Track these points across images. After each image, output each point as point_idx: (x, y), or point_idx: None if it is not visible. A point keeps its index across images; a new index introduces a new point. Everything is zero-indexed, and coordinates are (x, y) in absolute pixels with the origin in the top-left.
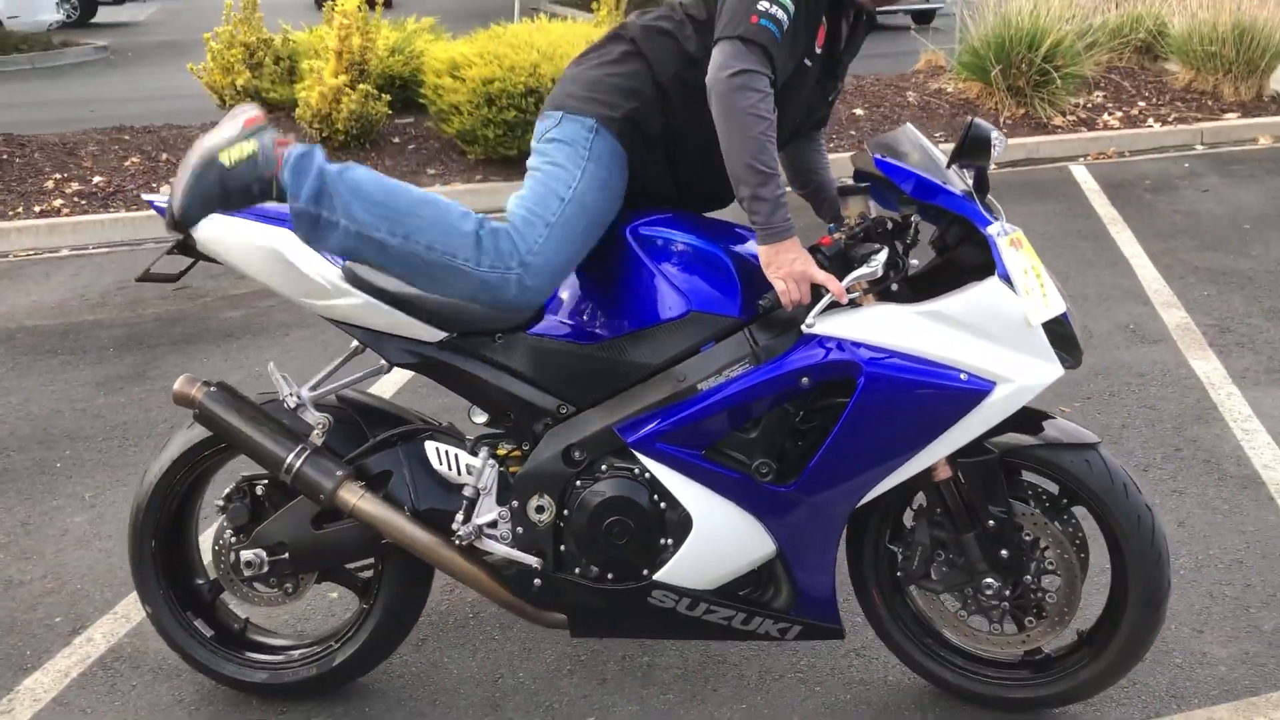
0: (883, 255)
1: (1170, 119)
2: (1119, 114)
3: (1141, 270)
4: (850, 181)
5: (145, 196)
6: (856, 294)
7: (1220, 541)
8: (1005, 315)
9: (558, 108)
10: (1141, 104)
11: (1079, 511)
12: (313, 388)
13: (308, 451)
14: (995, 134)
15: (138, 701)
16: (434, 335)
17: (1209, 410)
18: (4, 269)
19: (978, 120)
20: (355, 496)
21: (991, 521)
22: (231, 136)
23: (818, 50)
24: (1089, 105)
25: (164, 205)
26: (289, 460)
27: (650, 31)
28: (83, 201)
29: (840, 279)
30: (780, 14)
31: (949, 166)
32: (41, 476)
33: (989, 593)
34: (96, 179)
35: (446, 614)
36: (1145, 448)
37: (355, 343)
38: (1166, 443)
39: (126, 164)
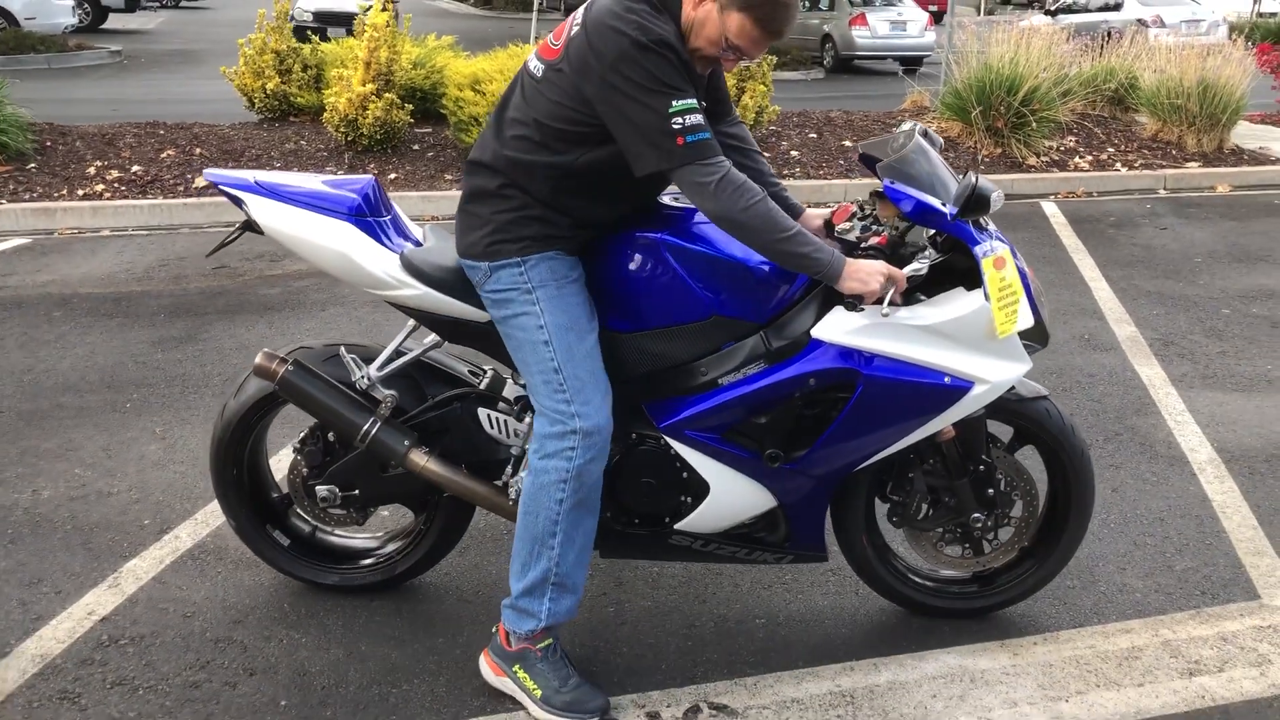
0: (928, 255)
1: (1136, 164)
2: (1089, 157)
3: (1099, 292)
4: (880, 187)
5: (208, 172)
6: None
7: (1147, 504)
8: (983, 328)
9: (477, 258)
10: (1110, 150)
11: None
12: (379, 367)
13: (379, 423)
14: (996, 194)
15: (225, 583)
16: (482, 316)
17: (1148, 405)
18: (52, 245)
19: (982, 182)
20: (423, 459)
21: (980, 467)
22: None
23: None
24: (1061, 148)
25: (220, 178)
26: (364, 429)
27: (514, 165)
28: (123, 188)
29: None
30: (692, 118)
31: (954, 218)
32: (114, 414)
33: (978, 526)
34: (135, 168)
35: (485, 529)
36: (1089, 432)
37: (411, 321)
38: (1108, 429)
39: (163, 155)
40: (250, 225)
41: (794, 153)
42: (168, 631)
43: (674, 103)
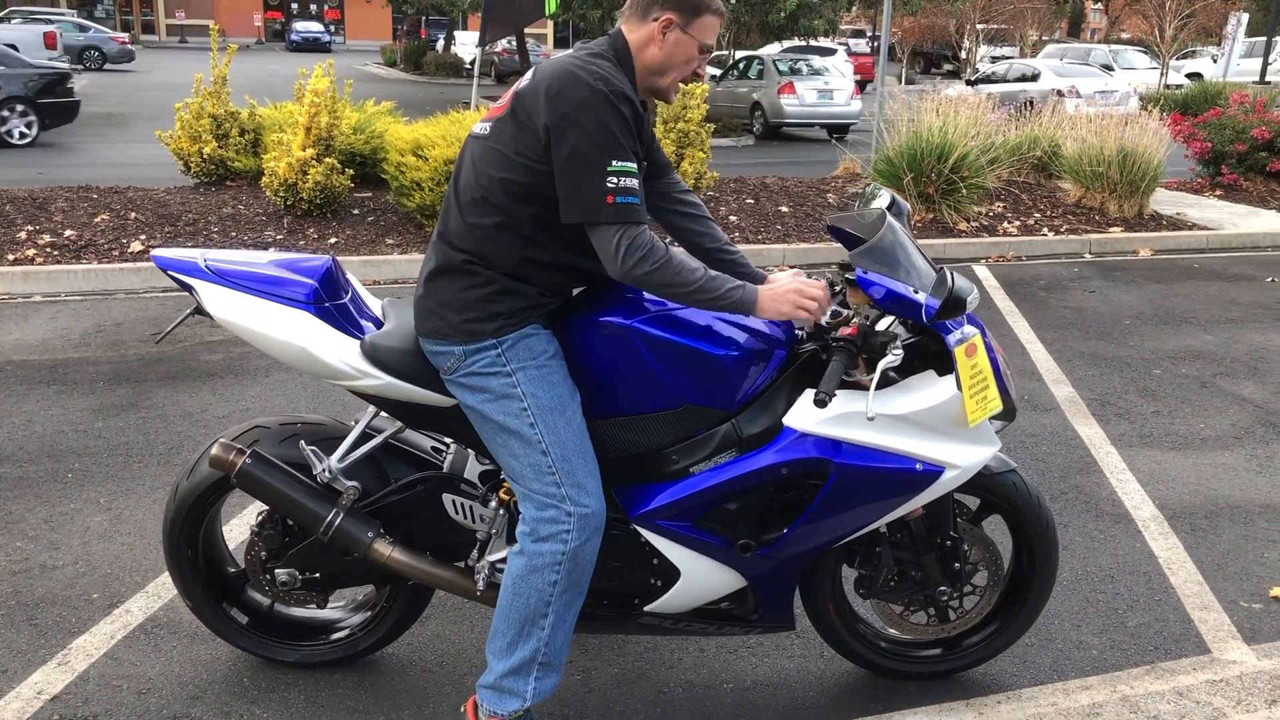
0: (901, 342)
1: (1062, 229)
2: (1017, 222)
3: (1035, 354)
4: (852, 272)
5: (155, 255)
6: (859, 373)
7: (1096, 562)
8: (955, 415)
9: (445, 338)
10: (1037, 215)
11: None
12: (340, 457)
13: (341, 514)
14: (972, 295)
15: (180, 657)
16: (446, 402)
17: (1090, 464)
18: None
19: (958, 283)
20: (387, 550)
21: (947, 542)
22: None
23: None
24: (990, 214)
25: (169, 263)
26: (327, 521)
27: (474, 233)
28: (55, 252)
29: (866, 364)
30: (627, 180)
31: (930, 320)
32: (56, 484)
33: (944, 598)
34: (68, 232)
35: (446, 599)
36: None
37: (371, 408)
38: (1054, 488)
39: (96, 220)
40: (201, 310)
41: (732, 218)
42: (122, 710)
43: (614, 162)
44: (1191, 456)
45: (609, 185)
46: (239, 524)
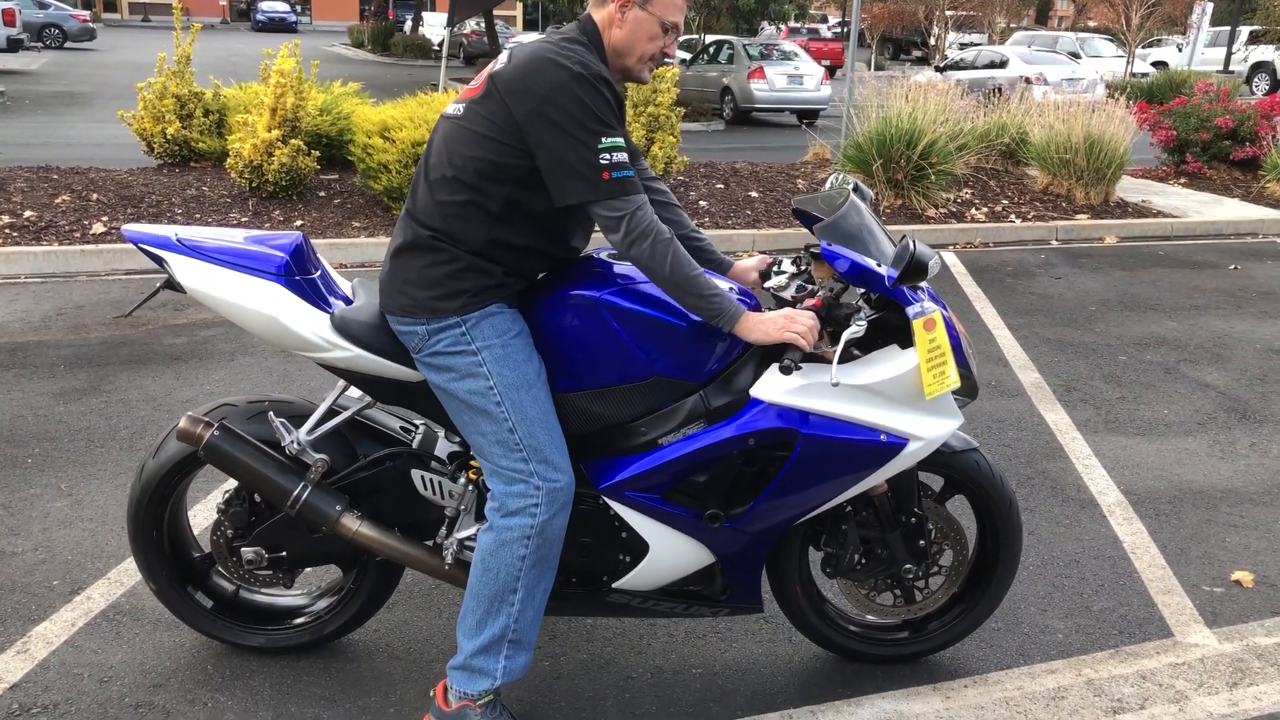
0: (864, 316)
1: (1029, 216)
2: (985, 209)
3: (1002, 340)
4: (817, 248)
5: (126, 229)
6: (824, 345)
7: (1062, 547)
8: (916, 388)
9: (409, 314)
10: (1005, 202)
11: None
12: (309, 430)
13: (309, 488)
14: (933, 260)
15: (143, 645)
16: (415, 377)
17: (1056, 450)
18: None
19: (920, 248)
20: (355, 525)
21: (912, 519)
22: None
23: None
24: (958, 200)
25: (140, 236)
26: (295, 494)
27: (442, 211)
28: (14, 234)
29: (831, 336)
30: (618, 155)
31: (893, 284)
32: (15, 469)
33: (909, 577)
34: (28, 213)
35: (413, 584)
36: None
37: (341, 382)
38: (1020, 473)
39: (57, 201)
40: (171, 283)
41: (702, 203)
42: (83, 699)
43: (604, 139)
44: (1156, 442)
45: (602, 162)
46: (204, 509)
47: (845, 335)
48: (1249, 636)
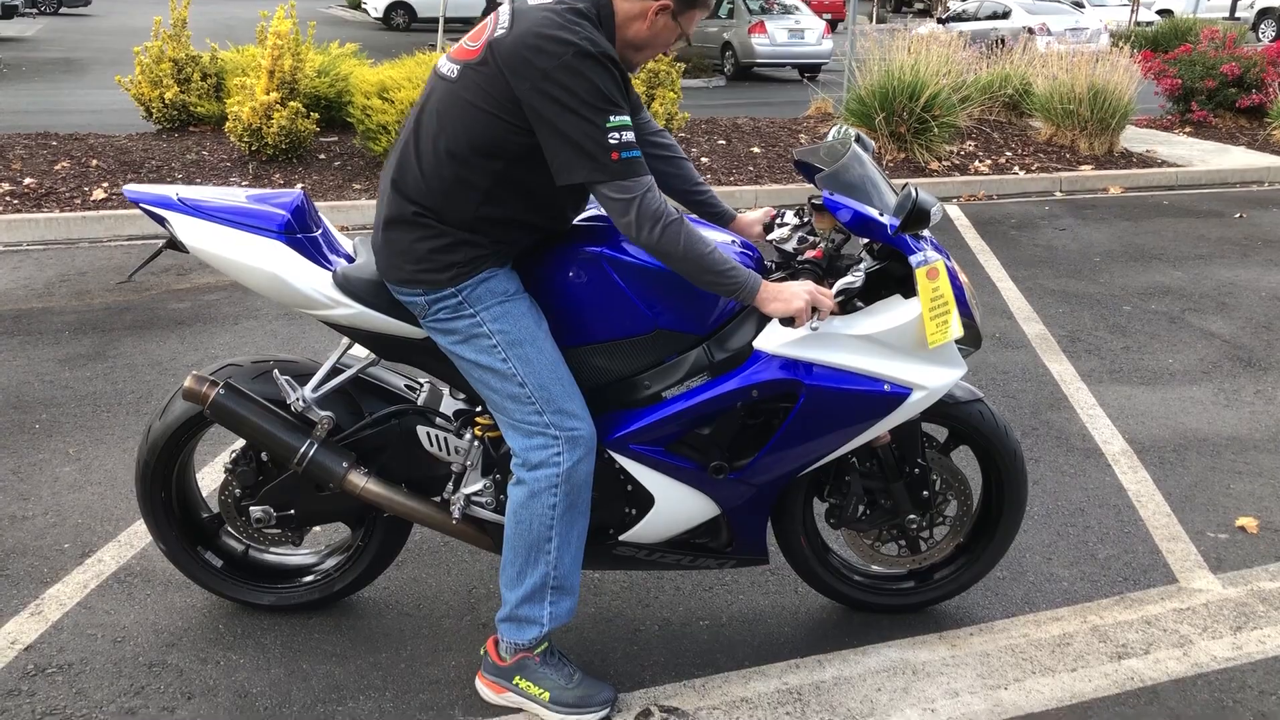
0: (863, 267)
1: (1033, 168)
2: (988, 161)
3: (1006, 292)
4: (819, 199)
5: (127, 189)
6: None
7: (1067, 496)
8: (919, 337)
9: (409, 284)
10: (1008, 153)
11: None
12: (315, 387)
13: (316, 445)
14: (935, 207)
15: (154, 605)
16: (418, 333)
17: (1061, 400)
18: None
19: (922, 196)
20: (362, 481)
21: (916, 469)
22: None
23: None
24: (962, 152)
25: (141, 196)
26: (301, 451)
27: (430, 184)
28: (15, 201)
29: (829, 286)
30: (627, 135)
31: (895, 232)
32: (23, 435)
33: (914, 526)
34: (28, 180)
35: (422, 542)
36: None
37: (345, 340)
38: (1025, 424)
39: (57, 168)
40: (173, 243)
41: (704, 159)
42: (97, 658)
43: (612, 118)
44: (1160, 391)
45: (611, 141)
46: (212, 471)
47: (839, 284)
48: (1253, 581)
